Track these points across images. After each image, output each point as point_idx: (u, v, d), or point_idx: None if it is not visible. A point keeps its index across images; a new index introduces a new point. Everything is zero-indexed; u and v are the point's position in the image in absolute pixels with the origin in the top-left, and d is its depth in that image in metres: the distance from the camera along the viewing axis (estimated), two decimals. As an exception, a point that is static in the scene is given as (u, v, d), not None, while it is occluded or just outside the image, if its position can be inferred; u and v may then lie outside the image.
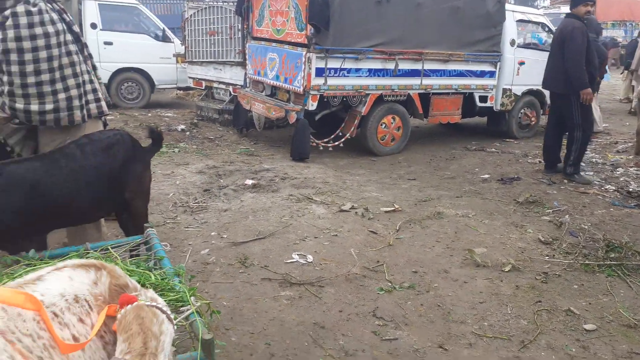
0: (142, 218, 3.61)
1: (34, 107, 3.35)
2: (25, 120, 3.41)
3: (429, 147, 9.13)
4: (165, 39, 11.82)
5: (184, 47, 11.16)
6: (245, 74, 9.31)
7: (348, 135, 8.06)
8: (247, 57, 9.12)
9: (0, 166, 2.98)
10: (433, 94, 8.75)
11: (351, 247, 4.66)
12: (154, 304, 1.82)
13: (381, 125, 8.26)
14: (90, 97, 3.67)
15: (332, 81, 7.63)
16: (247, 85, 9.31)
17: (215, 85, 10.52)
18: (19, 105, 3.33)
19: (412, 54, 8.19)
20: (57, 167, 3.14)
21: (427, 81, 8.50)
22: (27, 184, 3.00)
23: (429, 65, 8.42)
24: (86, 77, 3.62)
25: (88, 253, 2.92)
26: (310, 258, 4.41)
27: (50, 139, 3.57)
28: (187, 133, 9.32)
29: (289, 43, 7.93)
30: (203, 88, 10.91)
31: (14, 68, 3.25)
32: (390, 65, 8.05)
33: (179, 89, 12.43)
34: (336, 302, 3.75)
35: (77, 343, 1.62)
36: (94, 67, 3.87)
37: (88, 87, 3.65)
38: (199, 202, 5.79)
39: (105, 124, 4.00)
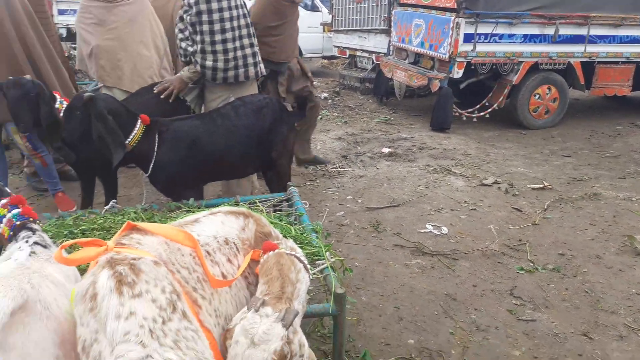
0: (286, 177, 3.83)
1: (220, 64, 3.73)
2: (211, 78, 3.79)
3: (589, 122, 8.20)
4: (313, 8, 12.12)
5: (331, 15, 11.34)
6: (389, 41, 9.19)
7: (496, 105, 7.57)
8: (392, 24, 8.98)
9: (168, 123, 3.36)
10: (598, 62, 7.79)
11: (491, 223, 4.44)
12: (293, 252, 1.94)
13: (534, 95, 7.60)
14: (258, 58, 3.99)
15: (481, 47, 7.19)
16: (390, 53, 9.19)
17: (358, 53, 10.57)
18: (208, 62, 3.72)
19: (576, 17, 7.34)
20: (215, 126, 3.45)
21: (592, 48, 7.59)
22: (189, 139, 3.36)
23: (595, 31, 7.48)
24: (254, 39, 3.93)
25: (238, 205, 3.20)
26: (445, 230, 4.31)
27: (216, 95, 3.92)
28: (330, 101, 9.56)
29: (437, 8, 7.61)
30: (347, 57, 11.04)
31: (205, 27, 3.63)
32: (549, 31, 7.32)
33: (324, 57, 12.74)
34: (470, 276, 3.62)
35: (226, 280, 1.79)
36: None
37: (256, 49, 3.97)
38: (336, 167, 5.95)
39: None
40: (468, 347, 2.91)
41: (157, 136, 3.28)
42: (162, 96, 3.84)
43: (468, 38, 7.07)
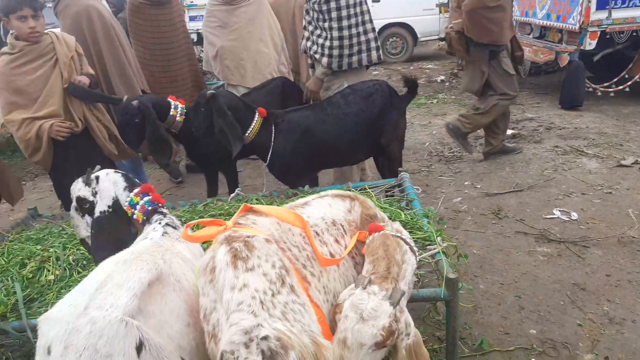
0: (397, 162, 3.81)
1: (346, 50, 3.86)
2: (337, 66, 3.91)
3: None
4: (429, -11, 11.77)
5: (446, -4, 10.94)
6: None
7: (637, 77, 6.74)
8: (513, -3, 8.39)
9: (282, 114, 3.54)
10: None
11: (629, 207, 4.00)
12: (398, 234, 1.95)
13: (685, 64, 6.64)
14: (378, 43, 4.08)
15: (618, 14, 6.44)
16: (513, 29, 8.60)
17: (477, 32, 10.03)
18: (335, 51, 3.86)
19: None
20: (325, 115, 3.56)
21: None
22: (302, 129, 3.50)
23: None
24: (373, 24, 4.03)
25: (349, 191, 3.28)
26: (574, 215, 3.97)
27: (331, 84, 4.04)
28: (447, 84, 9.25)
29: (565, -25, 6.96)
30: (465, 37, 10.54)
31: (334, 14, 3.78)
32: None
33: (441, 40, 12.30)
34: (603, 265, 3.31)
35: (334, 258, 1.87)
36: None
37: (375, 33, 4.07)
38: (454, 151, 5.76)
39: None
40: (599, 341, 2.68)
41: (273, 127, 3.47)
42: (306, 101, 4.12)
43: (602, 4, 6.37)
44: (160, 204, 2.09)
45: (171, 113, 3.62)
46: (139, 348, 1.39)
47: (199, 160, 4.22)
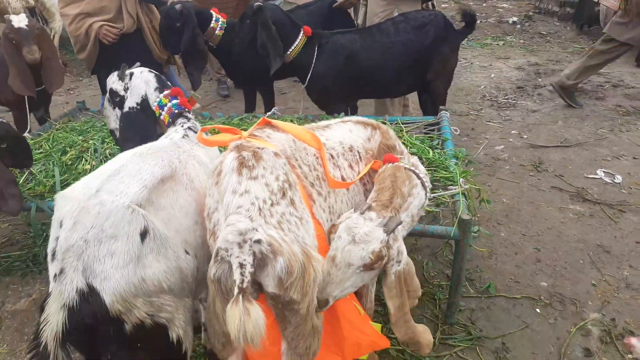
0: (440, 100, 3.71)
1: None
2: None
3: None
4: None
5: None
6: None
7: None
8: None
9: (327, 36, 3.46)
10: None
11: (682, 178, 3.77)
12: (412, 168, 1.95)
13: None
14: None
15: None
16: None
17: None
18: None
19: None
20: (373, 41, 3.46)
21: None
22: (346, 53, 3.43)
23: None
24: None
25: (385, 124, 3.24)
26: (618, 178, 3.79)
27: (380, 10, 3.89)
28: (518, 26, 8.66)
29: None
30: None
31: None
32: None
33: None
34: (635, 231, 3.19)
35: (343, 182, 1.90)
36: None
37: None
38: (508, 98, 5.51)
39: None
40: (609, 302, 2.65)
41: (316, 48, 3.42)
42: (334, 5, 3.95)
43: None
44: (186, 109, 2.15)
45: (212, 25, 3.61)
46: (143, 234, 1.51)
47: (235, 76, 4.22)
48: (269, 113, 3.52)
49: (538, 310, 2.64)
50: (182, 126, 2.01)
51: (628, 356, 2.35)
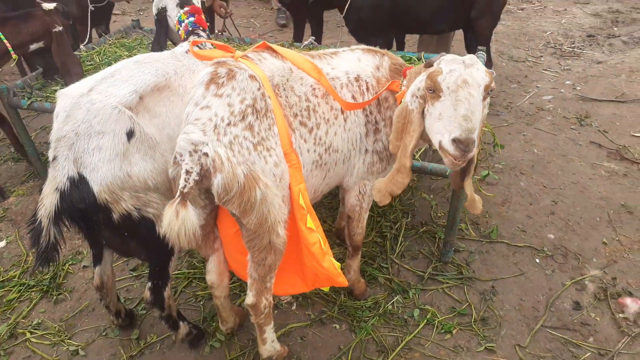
0: (483, 40, 3.55)
1: None
2: None
3: None
4: None
5: None
6: None
7: None
8: None
9: (369, -36, 3.37)
10: None
11: None
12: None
13: None
14: None
15: None
16: None
17: None
18: None
19: None
20: (414, -27, 3.33)
21: None
22: (385, -15, 3.34)
23: None
24: None
25: (420, 60, 3.18)
26: (670, 140, 3.53)
27: None
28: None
29: None
30: None
31: None
32: None
33: None
34: (669, 196, 3.02)
35: (357, 103, 1.87)
36: None
37: None
38: (574, 47, 5.12)
39: None
40: (616, 262, 2.58)
41: (356, -22, 3.35)
42: None
43: None
44: (201, 27, 2.24)
45: None
46: (130, 134, 1.66)
47: (287, 4, 4.24)
48: (306, 42, 3.54)
49: (537, 260, 2.62)
50: (190, 42, 2.11)
51: (619, 315, 2.32)
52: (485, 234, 2.78)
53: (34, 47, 2.99)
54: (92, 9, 3.81)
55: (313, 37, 3.67)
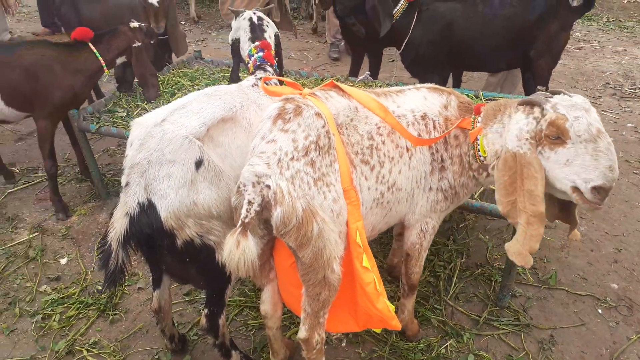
0: (542, 80, 3.50)
1: None
2: None
3: None
4: None
5: None
6: None
7: None
8: None
9: (429, 2, 3.38)
10: None
11: None
12: None
13: None
14: None
15: None
16: None
17: None
18: None
19: None
20: (474, 12, 3.34)
21: None
22: (445, 21, 3.35)
23: None
24: None
25: (478, 98, 3.16)
26: None
27: None
28: (674, 9, 7.63)
29: None
30: None
31: None
32: None
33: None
34: None
35: (425, 139, 1.86)
36: None
37: None
38: (635, 88, 4.97)
39: None
40: (686, 319, 2.42)
41: (416, 14, 3.38)
42: None
43: None
44: (269, 63, 2.32)
45: None
46: (199, 163, 1.72)
47: (349, 38, 4.31)
48: (361, 77, 3.60)
49: (600, 311, 2.50)
50: (257, 76, 2.18)
51: (691, 376, 2.16)
52: (543, 280, 2.68)
53: (118, 61, 3.21)
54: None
55: (368, 72, 3.73)
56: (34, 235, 3.14)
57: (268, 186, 1.52)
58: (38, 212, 3.36)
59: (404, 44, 3.47)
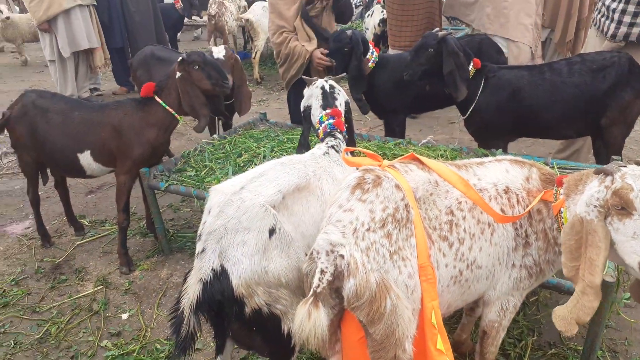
0: (615, 149, 3.37)
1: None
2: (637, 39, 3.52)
3: None
4: None
5: None
6: None
7: None
8: None
9: (495, 69, 3.40)
10: None
11: None
12: None
13: None
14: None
15: None
16: None
17: None
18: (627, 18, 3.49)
19: None
20: (541, 79, 3.30)
21: None
22: (512, 88, 3.33)
23: None
24: None
25: (547, 165, 3.07)
26: None
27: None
28: None
29: None
30: None
31: None
32: None
33: None
34: None
35: (509, 216, 1.79)
36: None
37: None
38: None
39: None
40: None
41: (482, 81, 3.39)
42: None
43: None
44: (339, 130, 2.35)
45: (367, 56, 3.81)
46: (272, 231, 1.73)
47: (375, 108, 4.22)
48: (423, 141, 3.59)
49: (695, 406, 2.25)
50: (327, 144, 2.21)
51: None
52: (626, 366, 2.46)
53: None
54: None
55: (431, 136, 3.72)
56: (99, 288, 3.22)
57: (342, 255, 1.51)
58: (104, 265, 3.47)
59: (470, 110, 3.46)
